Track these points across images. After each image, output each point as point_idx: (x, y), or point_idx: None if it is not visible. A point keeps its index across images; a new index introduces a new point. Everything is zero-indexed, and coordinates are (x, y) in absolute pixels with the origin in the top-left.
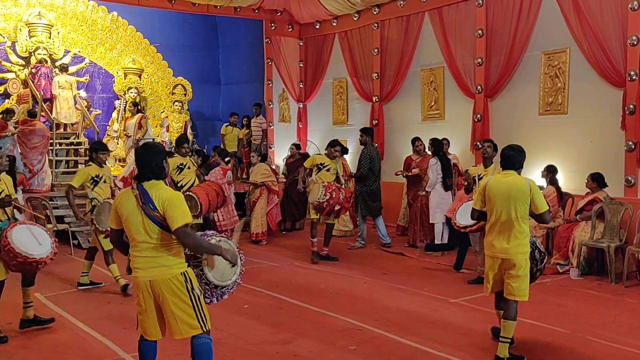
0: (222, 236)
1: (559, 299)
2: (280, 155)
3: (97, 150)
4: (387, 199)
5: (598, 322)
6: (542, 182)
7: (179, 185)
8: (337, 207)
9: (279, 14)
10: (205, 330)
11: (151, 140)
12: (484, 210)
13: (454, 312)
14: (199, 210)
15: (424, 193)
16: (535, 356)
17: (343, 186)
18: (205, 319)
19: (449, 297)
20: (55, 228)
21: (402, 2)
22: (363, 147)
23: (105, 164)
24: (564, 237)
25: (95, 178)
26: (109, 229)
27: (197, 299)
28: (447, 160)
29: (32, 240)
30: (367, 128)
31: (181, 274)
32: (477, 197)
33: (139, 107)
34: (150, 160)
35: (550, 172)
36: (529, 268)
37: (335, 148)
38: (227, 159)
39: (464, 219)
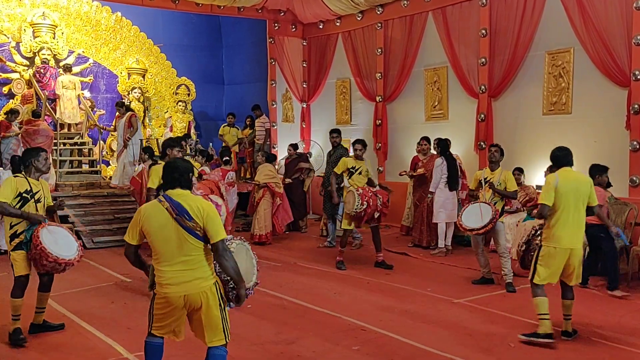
0: (239, 240)
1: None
2: (283, 156)
3: (172, 147)
4: (393, 200)
5: (602, 322)
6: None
7: None
8: (376, 215)
9: (283, 14)
10: (226, 342)
11: (140, 139)
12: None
13: (457, 313)
14: None
15: (429, 197)
16: (538, 357)
17: (377, 188)
18: (228, 331)
19: (452, 298)
20: None
21: (405, 2)
22: (335, 148)
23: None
24: None
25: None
26: None
27: (224, 310)
28: (453, 160)
29: (60, 241)
30: (338, 129)
31: (214, 284)
32: (549, 194)
33: (128, 106)
34: (178, 166)
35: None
36: None
37: (356, 146)
38: (225, 159)
39: (470, 221)
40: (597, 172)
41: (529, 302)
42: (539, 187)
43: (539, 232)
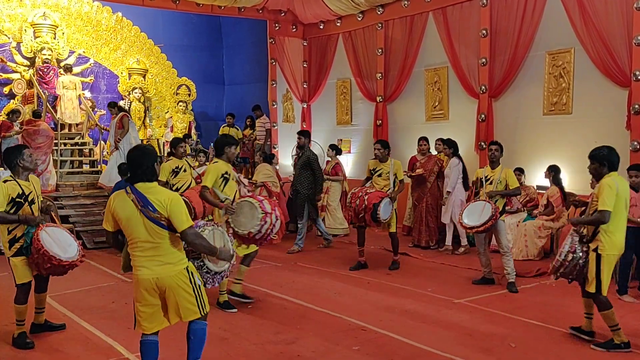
0: (213, 225)
1: (563, 299)
2: (283, 156)
3: (231, 145)
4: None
5: (602, 323)
6: (545, 182)
7: (174, 188)
8: (360, 215)
9: (283, 14)
10: (203, 314)
11: (133, 140)
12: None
13: (457, 313)
14: (193, 214)
15: (446, 196)
16: (539, 357)
17: (389, 190)
18: (204, 305)
19: (452, 298)
20: None
21: (406, 2)
22: (303, 150)
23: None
24: None
25: (225, 175)
26: (248, 231)
27: (198, 287)
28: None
29: (60, 242)
30: (305, 130)
31: (185, 269)
32: (612, 199)
33: (120, 106)
34: (141, 163)
35: (552, 172)
36: None
37: (375, 146)
38: None
39: (470, 219)
40: (635, 172)
41: (530, 302)
42: (539, 187)
43: (584, 240)
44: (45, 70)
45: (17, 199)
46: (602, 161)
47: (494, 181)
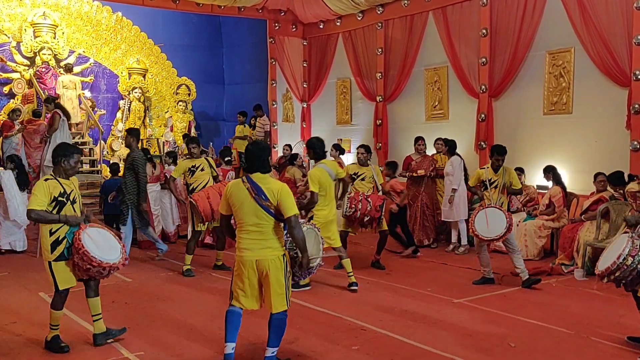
0: (312, 225)
1: (564, 299)
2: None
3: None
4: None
5: (603, 322)
6: (545, 182)
7: (190, 188)
8: (366, 219)
9: (283, 13)
10: (287, 307)
11: (59, 139)
12: None
13: (457, 313)
14: (200, 217)
15: (452, 194)
16: (539, 357)
17: (379, 194)
18: (289, 298)
19: (452, 298)
20: None
21: (406, 1)
22: (130, 150)
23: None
24: (568, 237)
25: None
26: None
27: (288, 279)
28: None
29: (103, 244)
30: (134, 129)
31: (282, 256)
32: None
33: (57, 103)
34: (259, 155)
35: (550, 172)
36: None
37: (358, 150)
38: (227, 159)
39: (484, 230)
40: None
41: (530, 302)
42: (539, 187)
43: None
44: (44, 70)
45: (60, 198)
46: None
47: (498, 185)
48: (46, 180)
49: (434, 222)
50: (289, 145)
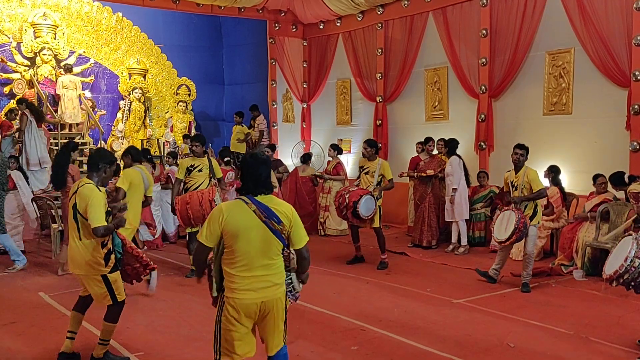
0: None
1: (563, 299)
2: (283, 156)
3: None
4: (392, 200)
5: (602, 323)
6: (545, 182)
7: (185, 187)
8: (343, 212)
9: (283, 14)
10: (285, 341)
11: (38, 143)
12: None
13: (457, 313)
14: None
15: (452, 194)
16: (538, 357)
17: (372, 188)
18: (286, 332)
19: (452, 298)
20: (60, 228)
21: (406, 2)
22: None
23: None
24: (568, 238)
25: None
26: None
27: (286, 310)
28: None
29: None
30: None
31: (285, 289)
32: None
33: (30, 104)
34: (260, 173)
35: (552, 173)
36: None
37: (363, 145)
38: (226, 160)
39: (498, 232)
40: None
41: (529, 302)
42: None
43: None
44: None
45: (108, 207)
46: None
47: (518, 186)
48: (94, 190)
49: (438, 223)
50: (271, 146)
